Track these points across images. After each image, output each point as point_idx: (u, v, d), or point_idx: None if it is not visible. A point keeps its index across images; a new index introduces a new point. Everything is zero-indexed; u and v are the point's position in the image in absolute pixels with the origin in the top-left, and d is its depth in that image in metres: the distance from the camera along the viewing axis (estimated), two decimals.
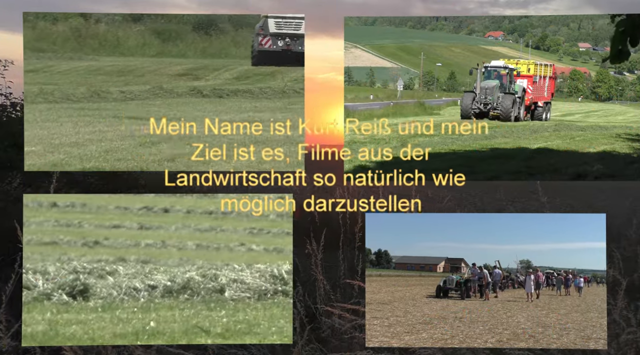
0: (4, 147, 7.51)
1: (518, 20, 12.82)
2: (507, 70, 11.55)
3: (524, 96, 11.32)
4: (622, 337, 4.83)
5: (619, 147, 7.45)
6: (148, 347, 4.89)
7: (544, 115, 11.22)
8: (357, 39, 13.20)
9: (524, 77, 11.36)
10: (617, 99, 10.88)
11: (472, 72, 11.48)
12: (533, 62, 11.44)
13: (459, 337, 4.72)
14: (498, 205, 11.48)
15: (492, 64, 11.82)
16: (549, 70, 11.40)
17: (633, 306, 5.15)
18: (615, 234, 7.83)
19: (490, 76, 11.82)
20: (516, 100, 11.17)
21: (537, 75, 11.42)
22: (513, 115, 10.84)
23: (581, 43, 12.97)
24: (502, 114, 10.69)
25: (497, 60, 11.92)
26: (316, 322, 5.44)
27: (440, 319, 4.98)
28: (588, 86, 11.80)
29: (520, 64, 11.50)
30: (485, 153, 7.27)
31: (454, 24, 13.74)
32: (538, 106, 11.32)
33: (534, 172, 6.57)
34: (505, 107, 10.90)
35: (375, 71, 13.09)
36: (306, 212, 6.72)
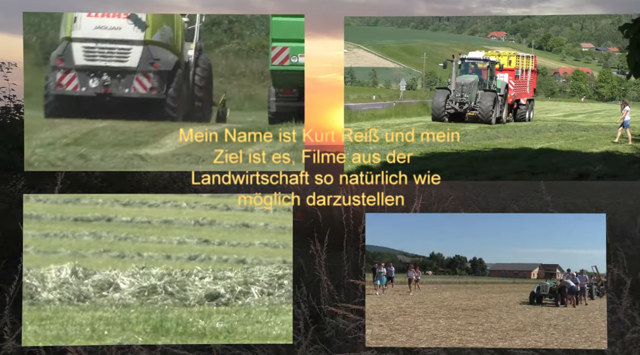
0: (7, 150, 7.52)
1: (521, 21, 12.81)
2: (488, 64, 10.51)
3: (507, 93, 10.16)
4: (626, 336, 4.82)
5: (622, 148, 7.45)
6: (153, 348, 4.89)
7: (527, 114, 10.24)
8: (360, 39, 13.20)
9: (505, 71, 10.39)
10: (620, 99, 10.83)
11: (447, 65, 10.53)
12: (514, 53, 10.55)
13: (553, 345, 4.69)
14: (502, 204, 11.22)
15: (470, 56, 10.79)
16: (531, 63, 10.62)
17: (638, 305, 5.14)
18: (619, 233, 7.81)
19: (468, 70, 10.72)
20: (498, 98, 9.93)
21: (519, 69, 10.49)
22: (494, 116, 9.63)
23: (584, 43, 12.95)
24: (482, 115, 9.54)
25: (475, 51, 10.96)
26: (320, 323, 5.44)
27: (534, 326, 4.95)
28: (591, 86, 11.73)
29: (501, 55, 10.56)
30: (488, 153, 7.27)
31: (456, 24, 13.74)
32: (521, 104, 10.29)
33: (536, 172, 6.57)
34: (485, 107, 9.66)
35: (378, 71, 13.10)
36: (309, 212, 6.76)
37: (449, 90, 9.99)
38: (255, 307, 5.20)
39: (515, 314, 5.25)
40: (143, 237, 6.74)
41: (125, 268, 5.57)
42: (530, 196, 11.95)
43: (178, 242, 6.67)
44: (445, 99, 9.78)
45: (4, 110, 8.24)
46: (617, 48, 11.39)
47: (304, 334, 4.96)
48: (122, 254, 6.17)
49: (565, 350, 4.80)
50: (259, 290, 5.33)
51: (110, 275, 5.42)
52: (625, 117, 7.70)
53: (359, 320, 5.07)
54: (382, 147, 6.58)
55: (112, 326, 4.88)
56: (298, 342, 4.95)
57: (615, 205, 11.67)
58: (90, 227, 6.67)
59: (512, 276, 5.73)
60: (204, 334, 4.83)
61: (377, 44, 13.92)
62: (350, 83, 12.13)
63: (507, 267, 5.71)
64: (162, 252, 6.27)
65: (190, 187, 9.19)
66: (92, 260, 5.93)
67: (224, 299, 5.26)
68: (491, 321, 5.05)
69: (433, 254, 5.40)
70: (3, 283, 5.53)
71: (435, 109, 9.72)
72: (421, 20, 13.95)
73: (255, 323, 4.97)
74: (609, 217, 5.00)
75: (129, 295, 5.24)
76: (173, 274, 5.46)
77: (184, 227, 7.15)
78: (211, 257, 6.12)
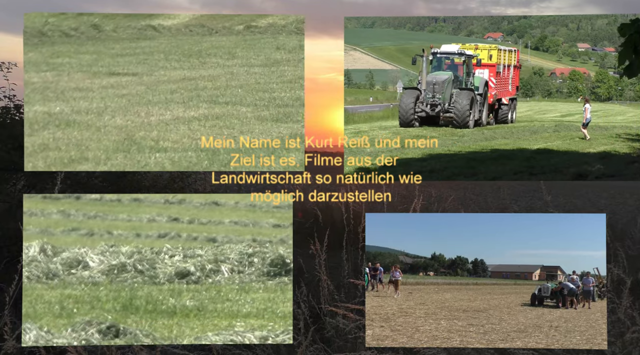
0: (7, 150, 7.51)
1: (517, 21, 12.80)
2: (464, 58, 9.22)
3: (487, 92, 9.01)
4: (626, 336, 4.83)
5: (619, 147, 7.47)
6: (153, 348, 4.89)
7: (509, 115, 9.25)
8: (357, 41, 13.20)
9: (484, 66, 9.24)
10: (617, 99, 10.84)
11: (416, 61, 9.27)
12: (495, 46, 9.45)
13: (554, 346, 4.68)
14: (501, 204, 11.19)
15: (444, 50, 9.47)
16: (513, 57, 9.61)
17: (638, 305, 5.16)
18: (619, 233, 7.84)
19: (441, 66, 9.43)
20: (476, 98, 8.71)
21: (500, 64, 9.42)
22: (472, 118, 8.48)
23: (580, 43, 12.96)
24: (457, 118, 8.36)
25: (449, 44, 9.61)
26: (320, 323, 5.45)
27: (535, 328, 4.95)
28: (588, 86, 11.70)
29: (480, 49, 9.38)
30: (486, 154, 7.27)
31: (452, 25, 13.73)
32: (502, 104, 9.22)
33: (535, 173, 6.58)
34: (461, 108, 8.43)
35: (375, 73, 13.09)
36: (309, 212, 6.78)
37: (419, 90, 8.84)
38: (225, 285, 5.20)
39: (516, 316, 5.27)
40: (113, 215, 6.71)
41: (94, 246, 5.56)
42: (530, 196, 11.97)
43: (148, 220, 6.64)
44: (414, 101, 8.59)
45: (4, 110, 8.23)
46: (614, 48, 11.42)
47: (304, 334, 4.96)
48: (91, 232, 6.15)
49: (565, 350, 4.81)
50: (229, 268, 5.32)
51: (79, 253, 5.40)
52: (587, 115, 7.61)
53: (359, 320, 5.08)
54: (380, 150, 6.59)
55: (81, 304, 4.85)
56: (298, 342, 4.94)
57: (615, 205, 11.70)
58: (59, 205, 6.63)
59: (513, 278, 5.74)
60: (174, 312, 4.80)
61: (374, 46, 13.92)
62: (347, 85, 12.14)
63: (509, 269, 5.72)
64: (131, 230, 6.25)
65: (190, 187, 9.20)
66: (61, 238, 5.91)
67: (194, 277, 5.26)
68: (492, 322, 5.06)
69: (434, 254, 5.41)
70: (3, 283, 5.52)
71: (403, 112, 8.48)
72: (418, 22, 13.95)
73: (225, 301, 4.96)
74: (609, 217, 5.01)
75: (98, 273, 5.22)
76: (143, 252, 5.44)
77: (153, 205, 7.12)
78: (181, 235, 6.13)
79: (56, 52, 7.35)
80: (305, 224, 7.14)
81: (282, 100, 6.48)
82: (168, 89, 7.01)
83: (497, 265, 5.45)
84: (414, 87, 8.82)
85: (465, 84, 9.02)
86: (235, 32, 7.13)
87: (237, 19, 6.82)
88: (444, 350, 4.84)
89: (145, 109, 6.29)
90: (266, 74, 7.18)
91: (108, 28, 6.44)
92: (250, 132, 5.71)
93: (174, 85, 7.14)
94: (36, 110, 5.83)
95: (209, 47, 7.75)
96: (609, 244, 5.16)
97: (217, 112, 6.29)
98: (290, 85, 6.22)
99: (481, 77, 9.07)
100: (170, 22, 7.00)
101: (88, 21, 6.46)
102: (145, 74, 7.40)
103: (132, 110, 6.24)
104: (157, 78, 7.34)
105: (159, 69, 7.56)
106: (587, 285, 5.19)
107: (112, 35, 6.57)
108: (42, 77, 6.76)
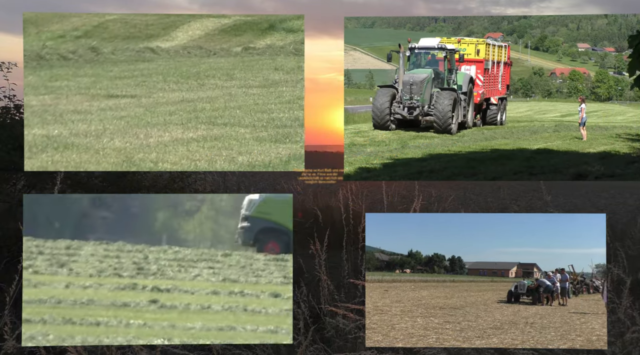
0: (7, 150, 7.52)
1: (517, 21, 12.79)
2: (446, 53, 8.27)
3: (472, 90, 8.15)
4: (626, 336, 4.83)
5: (619, 147, 7.47)
6: (152, 348, 4.89)
7: (498, 116, 8.39)
8: (356, 41, 13.18)
9: (470, 62, 8.35)
10: (617, 99, 10.83)
11: (391, 56, 8.45)
12: (483, 41, 8.49)
13: (529, 343, 4.70)
14: (501, 204, 11.17)
15: (422, 44, 8.50)
16: (503, 54, 8.82)
17: (638, 305, 5.16)
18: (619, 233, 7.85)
19: (421, 62, 8.54)
20: (459, 98, 7.80)
21: (489, 60, 8.54)
22: (455, 121, 7.56)
23: (580, 43, 12.94)
24: (438, 121, 7.45)
25: (429, 37, 8.68)
26: (320, 323, 5.45)
27: (511, 324, 4.95)
28: (588, 86, 11.69)
29: (464, 43, 8.45)
30: (486, 154, 7.27)
31: (452, 25, 13.71)
32: (491, 104, 8.36)
33: (535, 173, 6.58)
34: (442, 110, 7.50)
35: (375, 73, 13.07)
36: (309, 212, 6.78)
37: (395, 89, 7.99)
38: None
39: (492, 312, 5.28)
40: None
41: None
42: (530, 196, 11.97)
43: None
44: (390, 100, 7.77)
45: (4, 110, 8.24)
46: (614, 48, 11.42)
47: (304, 334, 4.96)
48: None
49: (565, 350, 4.81)
50: None
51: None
52: (582, 115, 7.56)
53: (359, 320, 5.08)
54: (380, 149, 6.59)
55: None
56: (298, 342, 4.94)
57: (615, 205, 11.71)
58: None
59: (490, 275, 5.76)
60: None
61: (374, 46, 13.92)
62: (347, 85, 12.13)
63: (486, 266, 5.74)
64: None
65: (190, 187, 9.20)
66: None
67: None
68: (469, 319, 5.06)
69: (411, 251, 5.37)
70: (3, 283, 5.52)
71: (378, 112, 7.61)
72: (418, 22, 13.93)
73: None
74: (609, 217, 5.01)
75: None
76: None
77: None
78: None
79: (54, 76, 7.36)
80: (305, 224, 7.13)
81: (280, 121, 6.49)
82: (166, 110, 7.04)
83: (474, 262, 5.45)
84: (390, 85, 8.05)
85: (447, 83, 8.18)
86: (234, 53, 7.13)
87: (235, 41, 6.80)
88: (444, 350, 4.85)
89: (144, 131, 6.32)
90: (264, 94, 7.17)
91: (106, 50, 6.43)
92: (248, 153, 5.73)
93: (172, 106, 7.17)
94: (35, 133, 5.84)
95: (207, 69, 7.79)
96: (609, 243, 5.16)
97: (215, 133, 6.30)
98: (289, 106, 6.20)
99: (465, 74, 8.20)
100: (169, 44, 7.00)
101: (86, 44, 6.42)
102: (143, 95, 7.41)
103: (131, 132, 6.26)
104: (155, 100, 7.36)
105: (158, 90, 7.59)
106: (562, 281, 5.23)
107: (110, 57, 6.57)
108: (40, 100, 6.75)
